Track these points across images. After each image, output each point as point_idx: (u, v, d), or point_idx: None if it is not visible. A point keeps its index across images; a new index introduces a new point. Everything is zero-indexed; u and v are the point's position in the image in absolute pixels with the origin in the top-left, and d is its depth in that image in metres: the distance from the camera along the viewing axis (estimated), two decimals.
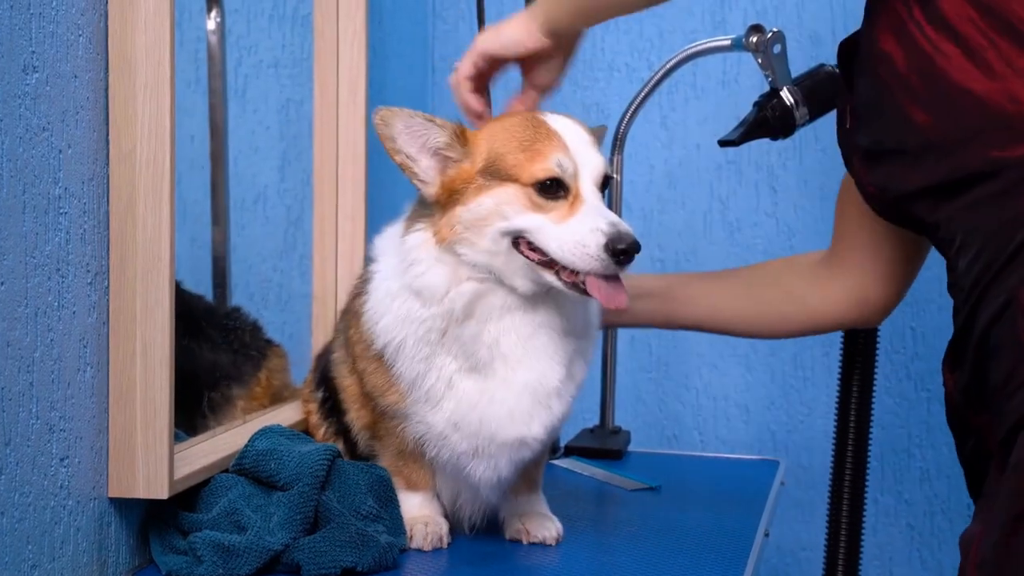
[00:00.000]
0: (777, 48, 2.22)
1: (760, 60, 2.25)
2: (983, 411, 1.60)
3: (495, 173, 1.69)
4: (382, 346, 1.76)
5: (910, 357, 2.96)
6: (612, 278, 1.66)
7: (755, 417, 3.05)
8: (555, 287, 1.69)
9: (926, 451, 2.99)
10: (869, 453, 2.44)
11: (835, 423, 2.44)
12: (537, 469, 1.90)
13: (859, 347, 2.32)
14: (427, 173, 1.72)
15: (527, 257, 1.69)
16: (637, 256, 1.65)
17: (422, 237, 1.73)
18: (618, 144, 2.54)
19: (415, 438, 1.79)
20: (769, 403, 3.04)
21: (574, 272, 1.66)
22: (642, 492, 2.23)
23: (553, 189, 1.67)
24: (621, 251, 1.63)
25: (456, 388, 1.74)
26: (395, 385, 1.77)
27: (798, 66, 2.30)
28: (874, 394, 2.45)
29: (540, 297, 1.73)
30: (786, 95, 2.22)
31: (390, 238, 1.81)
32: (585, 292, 1.67)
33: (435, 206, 1.73)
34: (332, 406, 1.95)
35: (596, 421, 2.65)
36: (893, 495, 3.00)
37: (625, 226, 1.65)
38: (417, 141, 1.71)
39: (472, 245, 1.70)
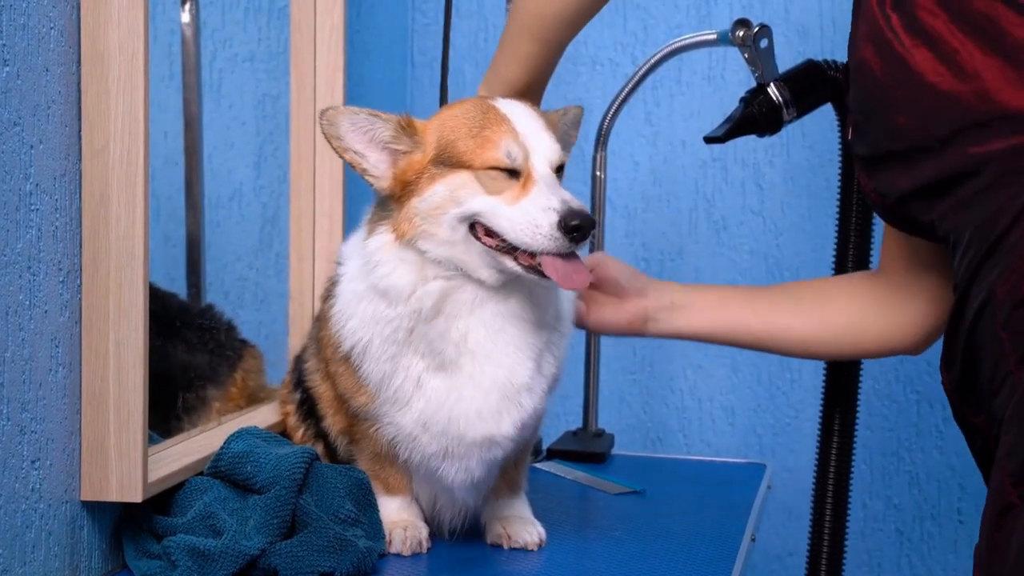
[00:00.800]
0: (764, 43, 2.23)
1: (746, 55, 2.26)
2: (980, 411, 1.63)
3: (446, 161, 1.72)
4: (349, 348, 1.78)
5: (899, 359, 2.97)
6: (570, 257, 1.67)
7: (741, 419, 3.07)
8: (514, 272, 1.71)
9: (915, 454, 3.01)
10: (854, 456, 2.46)
11: (819, 425, 2.46)
12: (518, 471, 1.91)
13: None
14: (377, 168, 1.76)
15: (484, 243, 1.70)
16: (593, 232, 1.67)
17: (384, 239, 1.75)
18: (601, 141, 2.55)
19: (387, 440, 1.81)
20: (755, 405, 3.06)
21: (531, 254, 1.68)
22: (626, 496, 2.24)
23: (505, 171, 1.70)
24: (574, 227, 1.64)
25: (425, 387, 1.75)
26: (364, 387, 1.79)
27: (785, 61, 2.31)
28: (861, 396, 2.46)
29: (510, 290, 1.74)
30: (773, 91, 2.24)
31: (355, 242, 1.84)
32: (543, 275, 1.68)
33: (391, 202, 1.75)
34: (310, 409, 1.97)
35: (579, 423, 2.66)
36: (882, 499, 3.02)
37: (578, 203, 1.66)
38: (364, 137, 1.75)
39: (431, 236, 1.71)
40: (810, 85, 2.27)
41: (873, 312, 2.03)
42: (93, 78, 1.62)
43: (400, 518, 1.85)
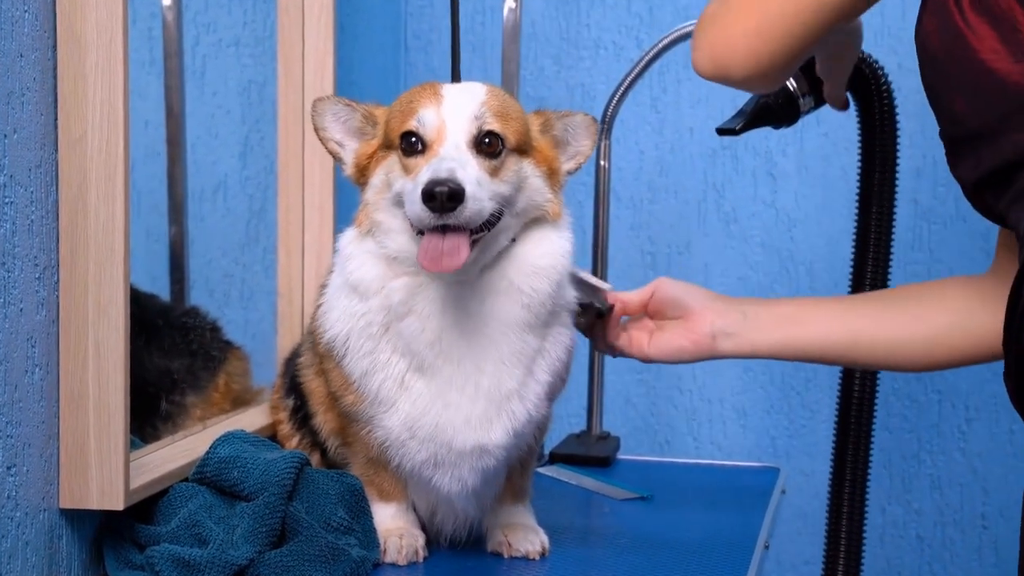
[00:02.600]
0: None
1: None
2: None
3: (386, 143, 1.76)
4: (330, 340, 1.80)
5: None
6: (450, 235, 1.64)
7: (753, 421, 3.07)
8: None
9: (936, 457, 3.01)
10: (872, 459, 2.46)
11: (835, 427, 2.45)
12: (524, 478, 1.91)
13: None
14: (349, 156, 1.82)
15: (412, 227, 1.71)
16: (465, 207, 1.61)
17: (352, 232, 1.80)
18: (605, 129, 2.55)
19: (379, 443, 1.81)
20: (768, 406, 3.06)
21: None
22: (633, 502, 2.24)
23: (414, 146, 1.71)
24: (429, 194, 1.60)
25: (410, 389, 1.76)
26: (351, 384, 1.80)
27: None
28: (879, 396, 2.46)
29: (490, 290, 1.74)
30: (789, 80, 2.23)
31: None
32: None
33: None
34: (305, 415, 1.97)
35: (582, 426, 2.66)
36: (902, 504, 3.02)
37: (450, 173, 1.62)
38: (343, 126, 1.81)
39: (379, 225, 1.75)
40: None
41: (981, 309, 1.86)
42: (70, 64, 1.62)
43: (395, 525, 1.85)
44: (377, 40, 3.03)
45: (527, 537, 1.87)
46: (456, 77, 2.33)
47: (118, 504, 1.66)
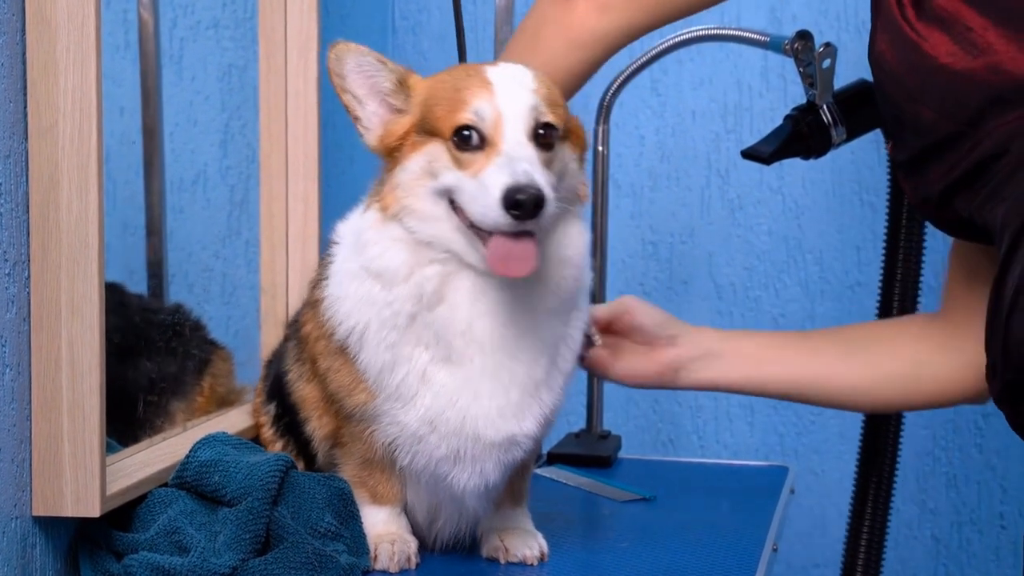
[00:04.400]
0: (827, 63, 2.22)
1: (801, 69, 2.24)
2: None
3: (426, 127, 1.73)
4: (345, 334, 1.78)
5: None
6: (520, 240, 1.65)
7: (760, 418, 3.07)
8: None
9: (952, 454, 3.01)
10: (899, 462, 2.46)
11: (862, 426, 2.45)
12: (523, 480, 1.91)
13: None
14: (370, 119, 1.78)
15: (461, 220, 1.70)
16: (545, 212, 1.62)
17: (374, 215, 1.76)
18: (603, 113, 2.55)
19: (385, 443, 1.80)
20: (776, 403, 3.05)
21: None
22: (635, 503, 2.24)
23: (469, 140, 1.69)
24: (515, 203, 1.61)
25: (432, 382, 1.75)
26: (362, 381, 1.78)
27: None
28: None
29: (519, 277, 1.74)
30: (822, 110, 2.22)
31: (353, 219, 1.84)
32: None
33: (383, 172, 1.77)
34: (288, 424, 1.96)
35: (582, 424, 2.66)
36: (916, 504, 3.02)
37: (529, 177, 1.63)
38: (367, 82, 1.77)
39: (413, 212, 1.72)
40: (862, 107, 2.25)
41: (932, 357, 2.02)
42: (39, 48, 1.61)
43: (387, 531, 1.85)
44: (363, 22, 3.02)
45: (525, 542, 1.87)
46: (462, 56, 2.32)
47: (94, 511, 1.65)
